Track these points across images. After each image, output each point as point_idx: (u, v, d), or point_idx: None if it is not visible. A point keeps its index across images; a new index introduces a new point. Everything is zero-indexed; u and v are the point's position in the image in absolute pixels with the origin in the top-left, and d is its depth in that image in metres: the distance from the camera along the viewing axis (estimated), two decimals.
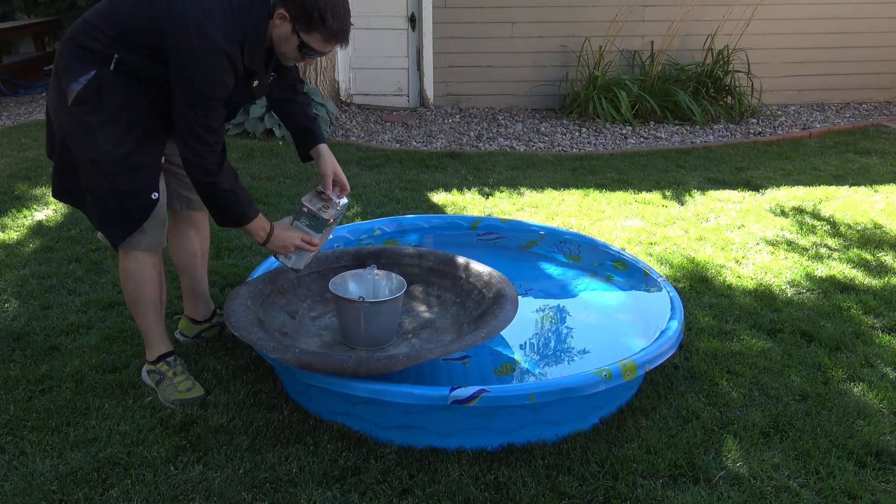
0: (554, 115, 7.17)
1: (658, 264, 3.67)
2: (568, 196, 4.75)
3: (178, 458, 2.23)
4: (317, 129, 2.68)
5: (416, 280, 2.93)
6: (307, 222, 2.56)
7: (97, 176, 2.27)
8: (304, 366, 2.23)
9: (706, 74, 7.05)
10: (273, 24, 2.24)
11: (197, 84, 2.18)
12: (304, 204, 2.56)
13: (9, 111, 7.08)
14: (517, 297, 2.60)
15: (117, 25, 2.21)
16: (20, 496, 2.07)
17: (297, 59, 2.34)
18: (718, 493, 2.12)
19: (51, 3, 8.91)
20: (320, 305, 2.85)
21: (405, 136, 6.39)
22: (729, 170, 5.42)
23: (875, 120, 7.01)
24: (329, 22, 2.20)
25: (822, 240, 4.05)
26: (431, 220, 3.71)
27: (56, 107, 2.31)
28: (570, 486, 2.12)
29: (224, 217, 2.39)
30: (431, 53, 7.22)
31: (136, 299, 2.49)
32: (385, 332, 2.59)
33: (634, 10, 7.10)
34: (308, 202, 2.57)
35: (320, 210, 2.57)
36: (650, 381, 2.63)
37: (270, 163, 5.34)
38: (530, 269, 3.43)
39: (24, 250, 3.76)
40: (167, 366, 2.55)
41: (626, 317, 3.03)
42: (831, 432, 2.38)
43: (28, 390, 2.57)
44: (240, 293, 2.64)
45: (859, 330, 3.06)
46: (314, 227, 2.57)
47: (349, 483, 2.14)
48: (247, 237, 3.87)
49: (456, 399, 2.14)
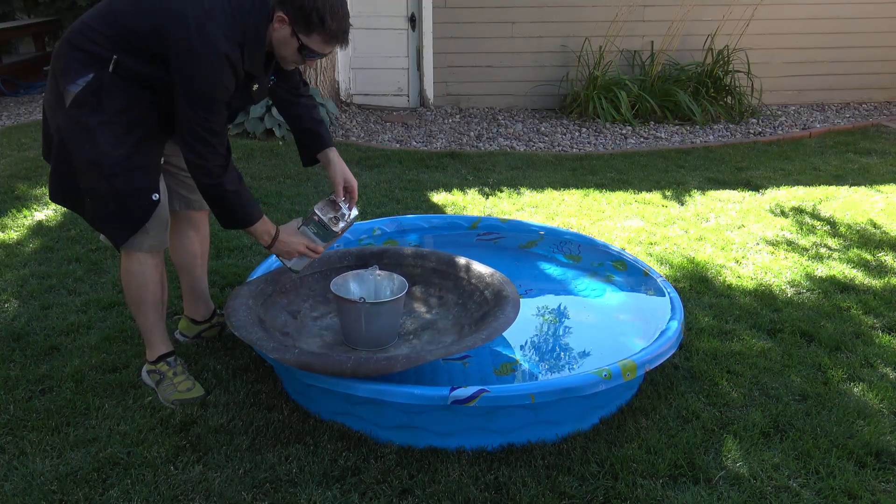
0: (554, 115, 7.17)
1: (658, 264, 3.67)
2: (568, 196, 4.75)
3: (178, 458, 2.23)
4: (324, 132, 2.66)
5: (419, 281, 2.93)
6: (315, 230, 2.57)
7: (96, 177, 2.27)
8: (304, 366, 2.23)
9: (706, 74, 7.05)
10: (272, 27, 2.23)
11: (198, 85, 2.18)
12: (316, 213, 2.56)
13: (9, 111, 7.08)
14: (519, 300, 2.59)
15: (117, 28, 2.21)
16: (20, 496, 2.07)
17: (298, 61, 2.33)
18: (718, 493, 2.12)
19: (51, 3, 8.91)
20: (322, 306, 2.85)
21: (405, 136, 6.39)
22: (729, 170, 5.42)
23: (875, 120, 7.01)
24: (328, 23, 2.19)
25: (822, 240, 4.05)
26: (431, 220, 3.71)
27: (53, 108, 2.30)
28: (570, 486, 2.12)
29: (228, 219, 2.39)
30: (431, 53, 7.22)
31: (137, 300, 2.49)
32: (386, 333, 2.59)
33: (634, 10, 7.10)
34: (320, 211, 2.57)
35: (331, 221, 2.58)
36: (650, 381, 2.63)
37: (270, 163, 5.34)
38: (530, 269, 3.42)
39: (24, 250, 3.76)
40: (167, 366, 2.55)
41: (626, 317, 3.03)
42: (831, 432, 2.38)
43: (28, 390, 2.57)
44: (241, 293, 2.64)
45: (859, 330, 3.06)
46: (321, 235, 2.58)
47: (349, 483, 2.14)
48: (247, 237, 3.88)
49: (456, 399, 2.14)
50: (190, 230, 2.74)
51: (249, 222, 2.40)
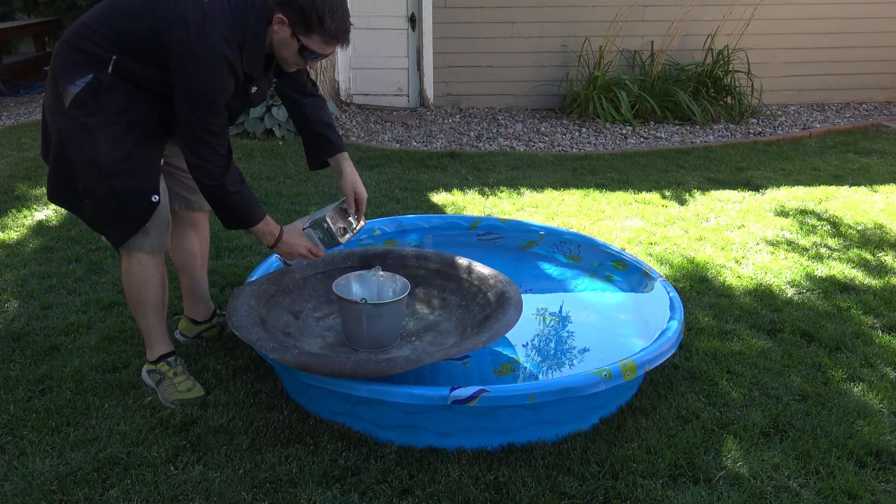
0: (554, 115, 7.17)
1: (658, 264, 3.67)
2: (568, 196, 4.75)
3: (178, 458, 2.23)
4: (333, 136, 2.62)
5: (422, 282, 2.92)
6: (321, 236, 2.57)
7: (96, 178, 2.26)
8: (303, 367, 2.22)
9: (706, 74, 7.05)
10: (272, 29, 2.23)
11: (198, 87, 2.17)
12: (327, 220, 2.54)
13: (9, 111, 7.08)
14: (521, 302, 2.58)
15: (116, 29, 2.20)
16: (20, 496, 2.07)
17: (299, 63, 2.32)
18: (718, 493, 2.12)
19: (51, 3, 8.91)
20: (325, 306, 2.84)
21: (405, 136, 6.39)
22: (729, 170, 5.42)
23: (875, 120, 7.01)
24: (328, 23, 2.19)
25: (821, 240, 4.05)
26: (431, 220, 3.71)
27: (52, 109, 2.30)
28: (570, 486, 2.12)
29: (230, 219, 2.39)
30: (431, 53, 7.22)
31: (138, 301, 2.49)
32: (388, 335, 2.58)
33: (634, 10, 7.10)
34: (331, 219, 2.55)
35: (339, 231, 2.57)
36: (650, 381, 2.63)
37: (270, 163, 5.34)
38: (530, 269, 3.42)
39: (24, 250, 3.76)
40: (168, 366, 2.55)
41: (626, 317, 3.03)
42: (831, 432, 2.38)
43: (28, 390, 2.57)
44: (244, 292, 2.63)
45: (859, 330, 3.06)
46: (326, 242, 2.58)
47: (349, 483, 2.14)
48: (247, 237, 3.88)
49: (456, 399, 2.14)
50: (190, 231, 2.74)
51: (252, 223, 2.39)
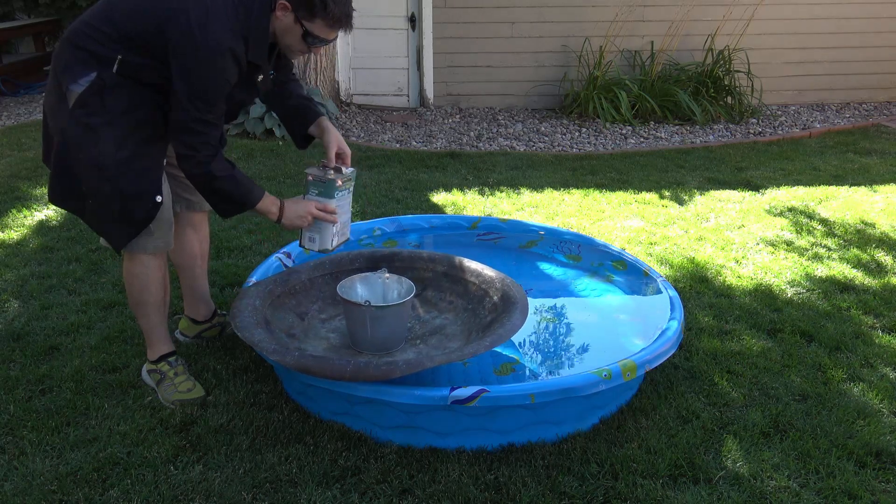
0: (554, 115, 7.17)
1: (658, 264, 3.67)
2: (568, 196, 4.75)
3: (178, 458, 2.23)
4: (313, 105, 2.63)
5: (429, 285, 2.89)
6: (316, 191, 2.50)
7: (99, 178, 2.25)
8: (303, 370, 2.21)
9: (706, 74, 7.05)
10: (275, 16, 2.24)
11: (199, 81, 2.17)
12: (308, 173, 2.49)
13: (9, 111, 7.08)
14: (527, 306, 2.56)
15: (118, 26, 2.20)
16: (20, 496, 2.07)
17: (303, 49, 2.32)
18: (718, 493, 2.12)
19: (51, 3, 8.91)
20: (331, 308, 2.81)
21: (405, 136, 6.39)
22: (729, 170, 5.42)
23: (875, 120, 7.01)
24: (330, 7, 2.19)
25: (821, 240, 4.05)
26: (431, 220, 3.71)
27: (55, 109, 2.29)
28: (570, 486, 2.12)
29: (227, 206, 2.36)
30: (431, 53, 7.22)
31: (139, 301, 2.49)
32: (392, 337, 2.53)
33: (634, 10, 7.10)
34: (311, 171, 2.50)
35: (330, 176, 2.49)
36: (650, 381, 2.63)
37: (270, 163, 5.34)
38: (530, 269, 3.42)
39: (24, 250, 3.76)
40: (168, 366, 2.55)
41: (626, 317, 3.03)
42: (831, 432, 2.38)
43: (28, 390, 2.57)
44: (249, 293, 2.62)
45: (859, 330, 3.06)
46: (324, 193, 2.50)
47: (349, 483, 2.14)
48: (248, 237, 3.88)
49: (456, 399, 2.14)
50: (190, 231, 2.74)
51: (251, 203, 2.36)
